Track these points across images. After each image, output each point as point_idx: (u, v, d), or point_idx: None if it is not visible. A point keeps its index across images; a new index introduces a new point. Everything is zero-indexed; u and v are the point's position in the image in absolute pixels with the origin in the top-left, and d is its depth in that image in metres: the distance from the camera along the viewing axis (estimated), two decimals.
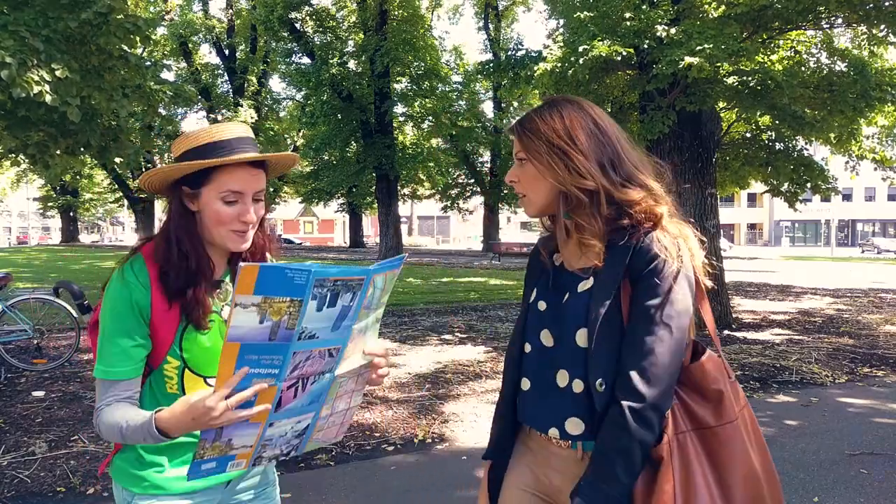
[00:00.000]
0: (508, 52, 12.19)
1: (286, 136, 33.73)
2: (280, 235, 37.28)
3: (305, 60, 23.91)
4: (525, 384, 1.38)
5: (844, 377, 5.95)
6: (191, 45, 29.65)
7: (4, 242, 54.97)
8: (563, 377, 1.29)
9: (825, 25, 8.94)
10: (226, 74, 30.21)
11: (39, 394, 5.19)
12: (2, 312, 5.97)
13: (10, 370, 5.90)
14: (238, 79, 29.03)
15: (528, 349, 1.37)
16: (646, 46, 7.60)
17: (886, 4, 7.70)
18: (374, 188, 23.94)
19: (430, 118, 24.94)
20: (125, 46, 6.29)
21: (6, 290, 6.21)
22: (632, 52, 7.82)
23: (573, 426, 1.28)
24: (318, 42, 23.02)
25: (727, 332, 8.22)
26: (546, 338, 1.33)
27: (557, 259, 1.40)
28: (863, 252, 42.54)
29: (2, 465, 3.68)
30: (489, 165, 31.75)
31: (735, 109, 9.40)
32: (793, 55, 9.53)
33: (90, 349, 7.27)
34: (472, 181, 32.05)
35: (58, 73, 5.30)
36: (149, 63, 9.14)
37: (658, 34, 7.46)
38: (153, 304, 1.29)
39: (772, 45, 9.28)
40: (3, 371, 5.81)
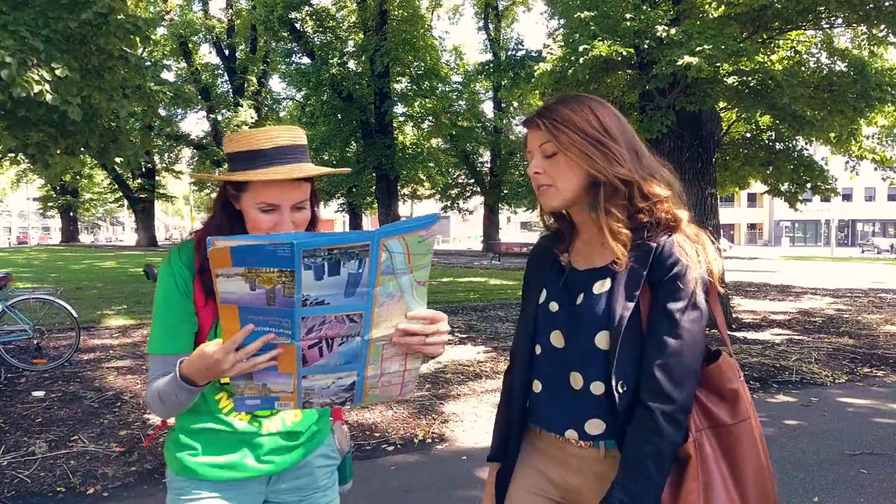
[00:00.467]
0: (508, 53, 12.22)
1: None
2: None
3: (305, 60, 23.94)
4: (537, 386, 1.36)
5: (844, 377, 5.95)
6: (191, 45, 29.66)
7: (4, 242, 54.98)
8: (577, 379, 1.28)
9: (825, 25, 8.94)
10: (226, 74, 30.23)
11: (39, 394, 5.19)
12: (2, 312, 5.97)
13: (10, 370, 5.90)
14: (238, 79, 29.05)
15: (539, 351, 1.35)
16: (646, 46, 7.60)
17: (886, 4, 7.70)
18: (374, 188, 23.97)
19: (430, 118, 24.97)
20: (125, 46, 6.29)
21: (6, 290, 6.21)
22: (632, 52, 7.82)
23: (593, 427, 1.28)
24: (318, 42, 23.04)
25: (727, 333, 8.22)
26: (557, 339, 1.32)
27: (565, 259, 1.38)
28: (863, 252, 42.55)
29: (2, 465, 3.68)
30: (489, 165, 31.76)
31: (735, 109, 9.40)
32: (793, 55, 9.53)
33: (90, 349, 7.27)
34: (472, 181, 32.05)
35: (58, 73, 5.30)
36: (149, 63, 9.14)
37: (658, 34, 7.46)
38: (197, 288, 1.34)
39: (772, 45, 9.28)
40: (3, 371, 5.81)
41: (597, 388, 1.26)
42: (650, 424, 1.18)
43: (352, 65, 23.15)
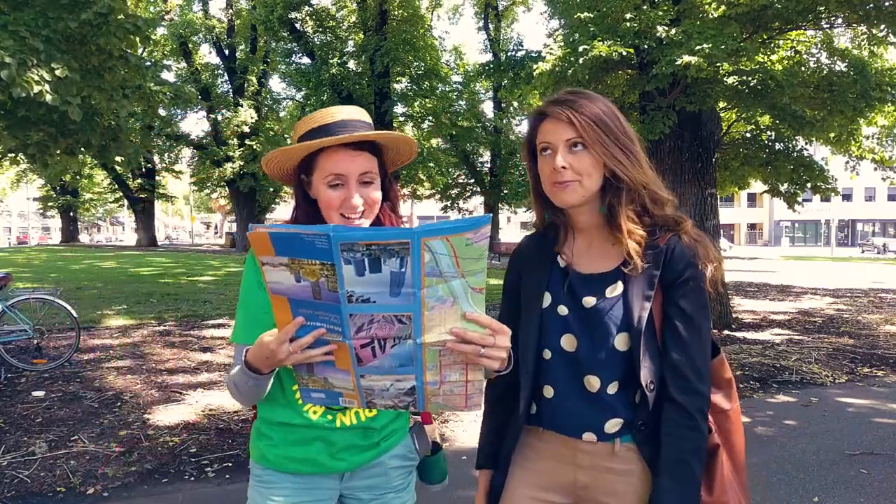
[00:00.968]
0: (508, 53, 12.21)
1: (286, 136, 33.74)
2: None
3: (305, 60, 23.94)
4: (548, 391, 1.34)
5: (844, 377, 5.95)
6: (191, 45, 29.63)
7: (4, 242, 54.97)
8: (594, 381, 1.28)
9: (825, 25, 8.94)
10: (226, 74, 30.20)
11: (39, 394, 5.19)
12: (2, 312, 5.97)
13: (10, 370, 5.90)
14: (238, 79, 29.03)
15: (549, 356, 1.33)
16: (646, 46, 7.60)
17: (886, 4, 7.70)
18: None
19: (430, 118, 24.96)
20: (125, 46, 6.29)
21: (6, 290, 6.20)
22: (632, 53, 7.82)
23: (612, 426, 1.29)
24: (318, 42, 23.04)
25: (727, 332, 8.22)
26: (568, 343, 1.31)
27: (562, 261, 1.36)
28: (863, 252, 42.55)
29: (2, 465, 3.68)
30: (489, 165, 31.75)
31: (735, 109, 9.40)
32: (793, 55, 9.53)
33: (90, 349, 7.27)
34: (472, 181, 32.03)
35: (58, 73, 5.30)
36: (149, 63, 9.15)
37: (658, 34, 7.46)
38: None
39: (772, 45, 9.28)
40: (3, 371, 5.81)
41: (612, 388, 1.28)
42: (688, 422, 1.23)
43: (352, 65, 23.16)
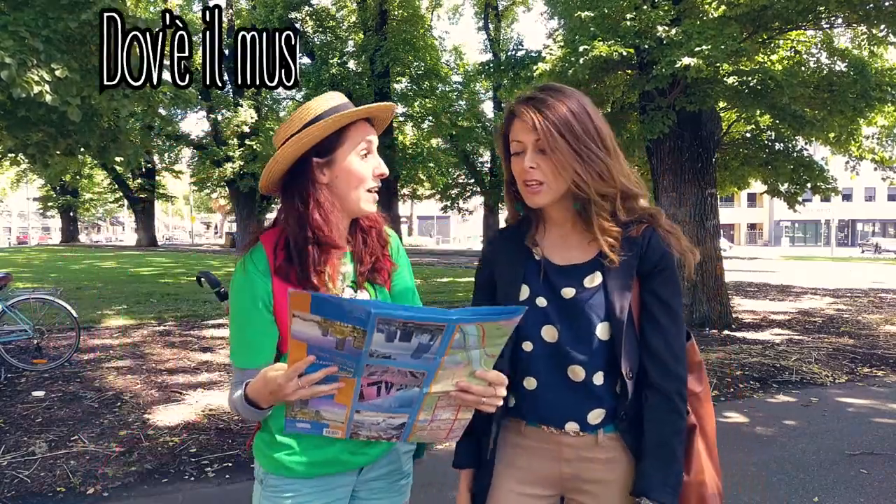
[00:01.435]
0: (508, 53, 12.21)
1: None
2: None
3: (305, 60, 23.91)
4: (530, 383, 1.35)
5: (844, 377, 5.95)
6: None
7: (4, 242, 54.96)
8: (578, 372, 1.29)
9: (825, 25, 8.95)
10: (226, 74, 30.21)
11: (39, 394, 5.19)
12: (2, 312, 5.97)
13: (10, 370, 5.90)
14: None
15: (530, 347, 1.33)
16: (646, 47, 7.60)
17: (886, 4, 7.71)
18: None
19: (430, 118, 24.95)
20: None
21: (6, 290, 6.20)
22: (632, 53, 7.82)
23: (595, 417, 1.31)
24: (318, 42, 23.04)
25: (727, 332, 8.22)
26: (549, 334, 1.32)
27: (537, 254, 1.37)
28: (863, 252, 42.55)
29: (2, 465, 3.68)
30: (489, 165, 31.74)
31: (735, 109, 9.40)
32: (793, 55, 9.53)
33: (90, 349, 7.26)
34: (472, 181, 32.00)
35: (58, 73, 5.30)
36: None
37: (658, 34, 7.46)
38: (275, 292, 1.32)
39: (772, 45, 9.29)
40: (3, 371, 5.81)
41: (598, 378, 1.29)
42: (668, 406, 1.27)
43: (352, 65, 23.14)
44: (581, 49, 7.53)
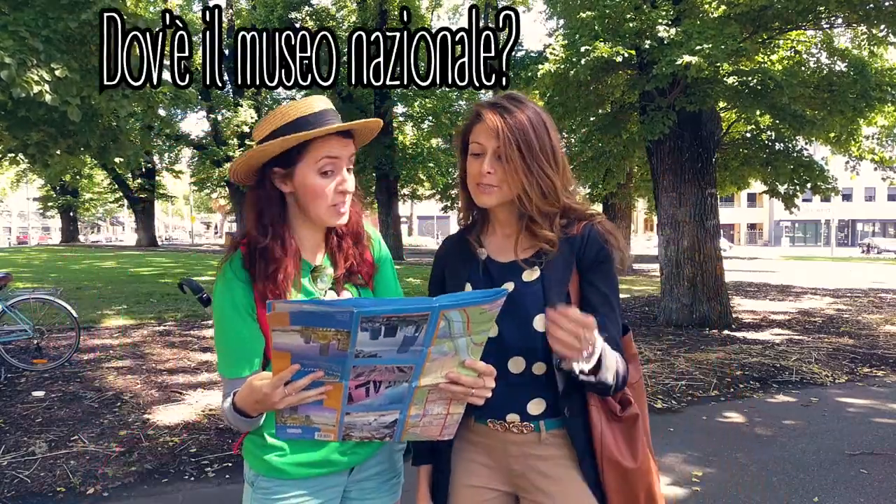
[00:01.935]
0: None
1: None
2: None
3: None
4: None
5: (844, 377, 5.95)
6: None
7: (4, 242, 54.96)
8: (518, 363, 1.33)
9: (825, 25, 8.95)
10: (226, 74, 30.21)
11: (39, 394, 5.19)
12: (2, 312, 5.97)
13: (10, 370, 5.90)
14: None
15: None
16: (647, 46, 7.60)
17: (886, 4, 7.71)
18: (374, 188, 23.97)
19: (430, 118, 24.95)
20: None
21: (6, 290, 6.20)
22: (633, 54, 7.82)
23: (535, 407, 1.34)
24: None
25: (727, 332, 8.22)
26: (491, 329, 1.34)
27: (483, 253, 1.42)
28: (862, 252, 42.55)
29: (2, 465, 3.68)
30: None
31: (735, 109, 9.40)
32: (793, 55, 9.54)
33: (90, 349, 7.25)
34: None
35: (58, 73, 5.30)
36: None
37: (658, 34, 7.46)
38: (256, 299, 1.32)
39: (772, 45, 9.29)
40: (3, 371, 5.81)
41: (539, 369, 1.32)
42: (604, 389, 1.28)
43: None
44: (583, 50, 7.53)
